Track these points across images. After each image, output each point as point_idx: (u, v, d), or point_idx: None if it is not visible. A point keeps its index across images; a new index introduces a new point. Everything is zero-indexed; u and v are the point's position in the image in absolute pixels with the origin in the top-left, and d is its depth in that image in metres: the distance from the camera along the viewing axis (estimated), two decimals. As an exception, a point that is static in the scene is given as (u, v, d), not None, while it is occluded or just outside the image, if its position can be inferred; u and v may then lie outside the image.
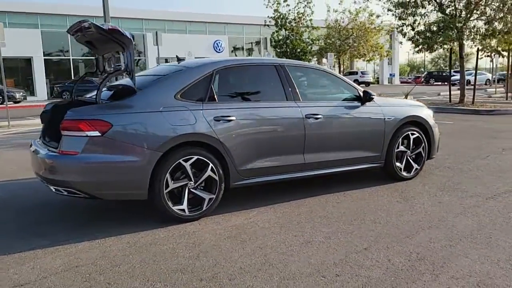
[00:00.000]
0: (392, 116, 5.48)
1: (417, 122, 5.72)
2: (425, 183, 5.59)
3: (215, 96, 4.44)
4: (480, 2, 15.48)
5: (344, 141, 5.15)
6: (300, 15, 22.38)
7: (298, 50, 22.06)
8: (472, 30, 15.49)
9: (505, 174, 5.97)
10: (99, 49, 4.91)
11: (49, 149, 4.18)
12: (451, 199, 4.83)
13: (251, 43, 44.59)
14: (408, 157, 5.68)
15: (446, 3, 15.89)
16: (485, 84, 37.99)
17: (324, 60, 21.91)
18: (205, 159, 4.23)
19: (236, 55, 42.98)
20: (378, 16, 24.16)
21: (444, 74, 49.99)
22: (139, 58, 36.11)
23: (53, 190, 4.07)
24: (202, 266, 3.26)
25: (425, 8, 16.34)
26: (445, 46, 16.46)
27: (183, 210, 4.18)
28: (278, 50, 22.96)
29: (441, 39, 15.13)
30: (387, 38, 28.41)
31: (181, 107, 4.22)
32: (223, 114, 4.35)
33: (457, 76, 45.92)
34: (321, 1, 25.85)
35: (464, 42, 15.92)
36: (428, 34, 15.91)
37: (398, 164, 5.59)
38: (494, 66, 30.32)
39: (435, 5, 16.10)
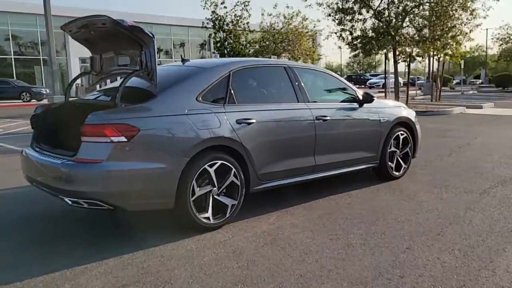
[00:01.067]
0: (386, 117, 5.65)
1: (405, 123, 5.95)
2: (414, 181, 5.82)
3: (234, 98, 4.27)
4: (411, 11, 16.54)
5: (348, 142, 5.22)
6: (238, 18, 22.36)
7: (237, 52, 22.00)
8: (407, 36, 16.50)
9: (478, 169, 6.40)
10: (97, 48, 4.50)
11: (57, 157, 3.76)
12: (449, 196, 5.07)
13: (178, 44, 43.98)
14: (398, 157, 5.88)
15: (382, 10, 16.77)
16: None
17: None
18: (228, 164, 4.05)
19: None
20: (308, 20, 24.87)
21: (362, 77, 52.82)
22: (60, 57, 33.94)
23: (69, 202, 3.65)
24: (260, 277, 3.10)
25: (362, 14, 17.11)
26: (380, 51, 17.36)
27: (208, 218, 3.97)
28: (217, 52, 22.77)
29: (379, 44, 15.93)
30: (319, 42, 29.35)
31: (205, 109, 4.00)
32: (244, 117, 4.20)
33: (374, 79, 48.40)
34: (257, 5, 25.92)
35: (398, 48, 16.89)
36: (365, 40, 16.67)
37: (390, 163, 5.76)
38: (407, 70, 32.47)
39: (372, 12, 16.92)
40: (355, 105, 5.37)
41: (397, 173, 5.89)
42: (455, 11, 15.60)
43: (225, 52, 21.28)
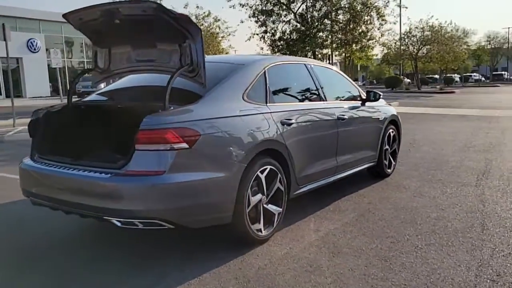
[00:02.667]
0: (383, 115, 5.70)
1: (394, 121, 6.05)
2: (405, 177, 5.95)
3: (273, 97, 3.93)
4: (329, 16, 17.26)
5: (359, 142, 5.15)
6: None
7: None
8: (326, 39, 17.17)
9: (449, 163, 6.77)
10: (108, 41, 3.83)
11: (92, 170, 3.11)
12: (453, 191, 5.24)
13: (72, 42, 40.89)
14: (389, 154, 5.97)
15: (303, 13, 17.24)
16: None
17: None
18: (275, 169, 3.71)
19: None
20: (219, 21, 24.75)
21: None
22: None
23: (117, 224, 3.03)
24: (364, 290, 2.85)
25: (281, 16, 17.43)
26: (304, 52, 17.84)
27: (259, 230, 3.59)
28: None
29: (301, 45, 16.34)
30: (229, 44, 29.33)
31: (254, 109, 3.62)
32: (286, 117, 3.89)
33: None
34: (168, 4, 25.06)
35: (318, 50, 17.51)
36: (291, 42, 17.00)
37: (384, 161, 5.82)
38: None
39: (292, 15, 17.33)
40: (359, 103, 5.31)
41: (389, 170, 5.97)
42: (369, 17, 16.58)
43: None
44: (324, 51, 17.79)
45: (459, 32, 38.75)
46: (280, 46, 17.41)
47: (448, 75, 53.65)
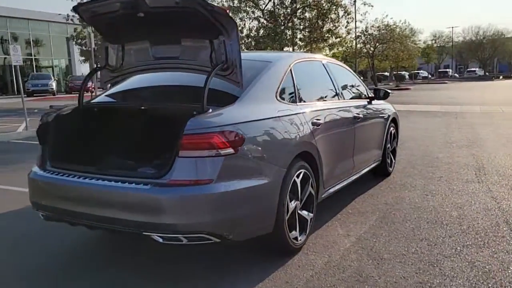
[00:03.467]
0: (387, 113, 5.63)
1: (394, 119, 6.00)
2: (406, 175, 5.92)
3: (301, 96, 3.72)
4: (295, 14, 17.27)
5: (370, 141, 5.04)
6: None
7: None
8: (293, 37, 17.16)
9: (442, 160, 6.83)
10: (122, 36, 3.47)
11: (125, 180, 2.78)
12: (460, 188, 5.24)
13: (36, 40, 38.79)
14: (390, 152, 5.91)
15: (272, 11, 17.15)
16: None
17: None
18: (308, 173, 3.50)
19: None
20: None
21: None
22: None
23: (159, 240, 2.71)
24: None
25: (248, 13, 17.24)
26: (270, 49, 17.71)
27: (296, 238, 3.38)
28: (84, 49, 20.66)
29: (270, 43, 16.21)
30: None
31: (288, 110, 3.39)
32: (316, 117, 3.69)
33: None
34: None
35: (286, 47, 17.44)
36: (261, 39, 16.84)
37: (387, 159, 5.76)
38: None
39: (261, 13, 17.20)
40: (366, 101, 5.20)
41: (390, 169, 5.92)
42: (336, 15, 16.69)
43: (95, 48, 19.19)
44: (292, 49, 17.75)
45: (407, 31, 40.02)
46: (248, 44, 17.20)
47: (398, 72, 55.43)
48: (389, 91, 5.32)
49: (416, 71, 63.28)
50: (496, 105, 17.33)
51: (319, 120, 3.71)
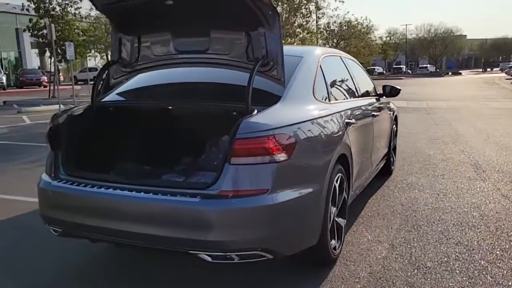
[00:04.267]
0: (392, 111, 5.49)
1: (396, 116, 5.88)
2: (409, 173, 5.82)
3: (332, 94, 3.47)
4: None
5: (382, 139, 4.87)
6: (67, 2, 19.50)
7: (67, 40, 19.16)
8: None
9: (435, 156, 6.80)
10: (137, 27, 3.07)
11: (161, 191, 2.43)
12: (467, 186, 5.17)
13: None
14: (392, 150, 5.79)
15: None
16: None
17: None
18: (343, 176, 3.26)
19: None
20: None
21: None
22: None
23: (208, 259, 2.38)
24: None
25: None
26: None
27: (335, 247, 3.13)
28: (42, 41, 19.49)
29: None
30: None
31: (326, 109, 3.12)
32: (348, 117, 3.45)
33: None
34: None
35: None
36: None
37: (391, 158, 5.63)
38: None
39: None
40: (375, 98, 5.02)
41: (392, 167, 5.80)
42: (306, 10, 16.61)
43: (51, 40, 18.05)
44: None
45: (368, 27, 40.62)
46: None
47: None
48: (399, 87, 5.15)
49: (371, 67, 64.71)
50: (459, 101, 17.84)
51: (351, 120, 3.48)
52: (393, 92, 5.03)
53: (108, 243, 2.65)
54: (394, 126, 5.71)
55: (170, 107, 3.10)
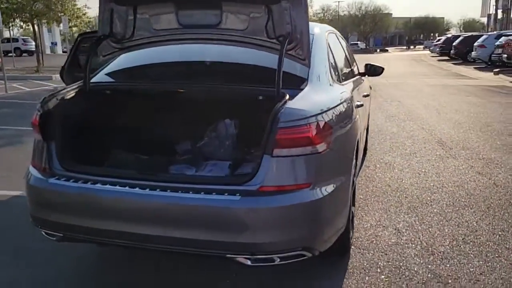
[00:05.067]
0: (369, 89, 5.42)
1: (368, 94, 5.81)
2: (382, 152, 5.83)
3: (340, 74, 3.27)
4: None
5: (365, 119, 4.76)
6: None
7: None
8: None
9: (399, 135, 6.91)
10: None
11: (189, 189, 2.12)
12: (442, 165, 5.27)
13: None
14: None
15: None
16: None
17: None
18: (355, 162, 3.11)
19: None
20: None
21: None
22: None
23: (247, 263, 2.12)
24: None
25: None
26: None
27: (351, 236, 2.99)
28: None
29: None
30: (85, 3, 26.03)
31: (344, 92, 2.93)
32: (358, 99, 3.28)
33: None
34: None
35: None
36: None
37: (367, 136, 5.59)
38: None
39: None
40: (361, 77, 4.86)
41: (367, 146, 5.77)
42: None
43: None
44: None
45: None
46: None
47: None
48: (383, 67, 5.04)
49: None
50: (398, 78, 18.44)
51: (359, 102, 3.31)
52: (377, 71, 4.89)
53: (120, 247, 2.31)
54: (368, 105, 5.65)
55: (181, 90, 2.74)
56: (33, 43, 26.27)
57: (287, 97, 2.27)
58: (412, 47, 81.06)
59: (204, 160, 2.69)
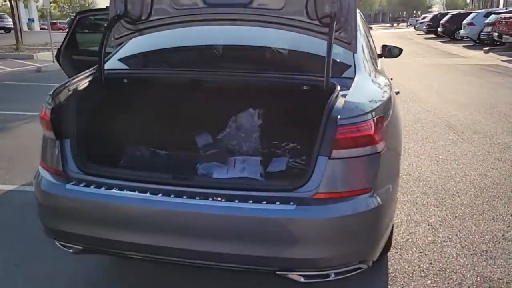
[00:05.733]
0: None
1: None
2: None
3: (375, 58, 2.98)
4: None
5: None
6: None
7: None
8: None
9: (405, 119, 6.69)
10: None
11: (230, 197, 1.84)
12: (457, 151, 5.07)
13: None
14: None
15: None
16: None
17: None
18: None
19: None
20: None
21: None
22: None
23: (300, 280, 1.85)
24: None
25: None
26: None
27: (389, 236, 2.76)
28: None
29: None
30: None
31: (386, 79, 2.64)
32: (393, 87, 2.99)
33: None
34: None
35: None
36: None
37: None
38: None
39: None
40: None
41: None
42: None
43: None
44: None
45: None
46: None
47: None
48: (401, 48, 4.76)
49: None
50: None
51: (395, 88, 3.03)
52: (394, 52, 4.60)
53: (150, 262, 2.03)
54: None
55: (210, 78, 2.40)
56: (10, 19, 25.12)
57: (339, 88, 1.98)
58: (395, 24, 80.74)
59: (239, 160, 2.39)
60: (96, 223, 1.93)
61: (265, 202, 1.78)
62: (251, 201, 1.79)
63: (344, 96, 1.94)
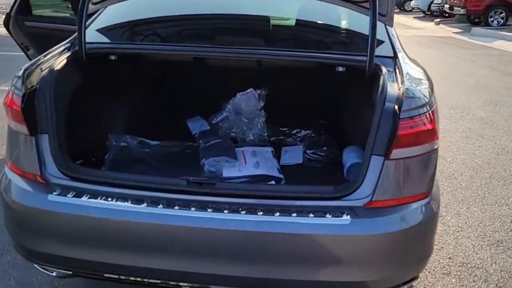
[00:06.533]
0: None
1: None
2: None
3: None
4: None
5: None
6: None
7: None
8: None
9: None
10: None
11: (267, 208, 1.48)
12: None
13: None
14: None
15: None
16: None
17: None
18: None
19: None
20: None
21: None
22: None
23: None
24: None
25: None
26: None
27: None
28: None
29: None
30: None
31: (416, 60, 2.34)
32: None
33: None
34: None
35: None
36: None
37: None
38: None
39: None
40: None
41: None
42: None
43: None
44: None
45: None
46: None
47: None
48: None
49: None
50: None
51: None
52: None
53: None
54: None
55: (223, 55, 1.95)
56: None
57: (384, 70, 1.64)
58: None
59: (269, 159, 2.00)
60: (94, 244, 1.52)
61: (311, 214, 1.44)
62: (294, 214, 1.44)
63: (393, 81, 1.61)
